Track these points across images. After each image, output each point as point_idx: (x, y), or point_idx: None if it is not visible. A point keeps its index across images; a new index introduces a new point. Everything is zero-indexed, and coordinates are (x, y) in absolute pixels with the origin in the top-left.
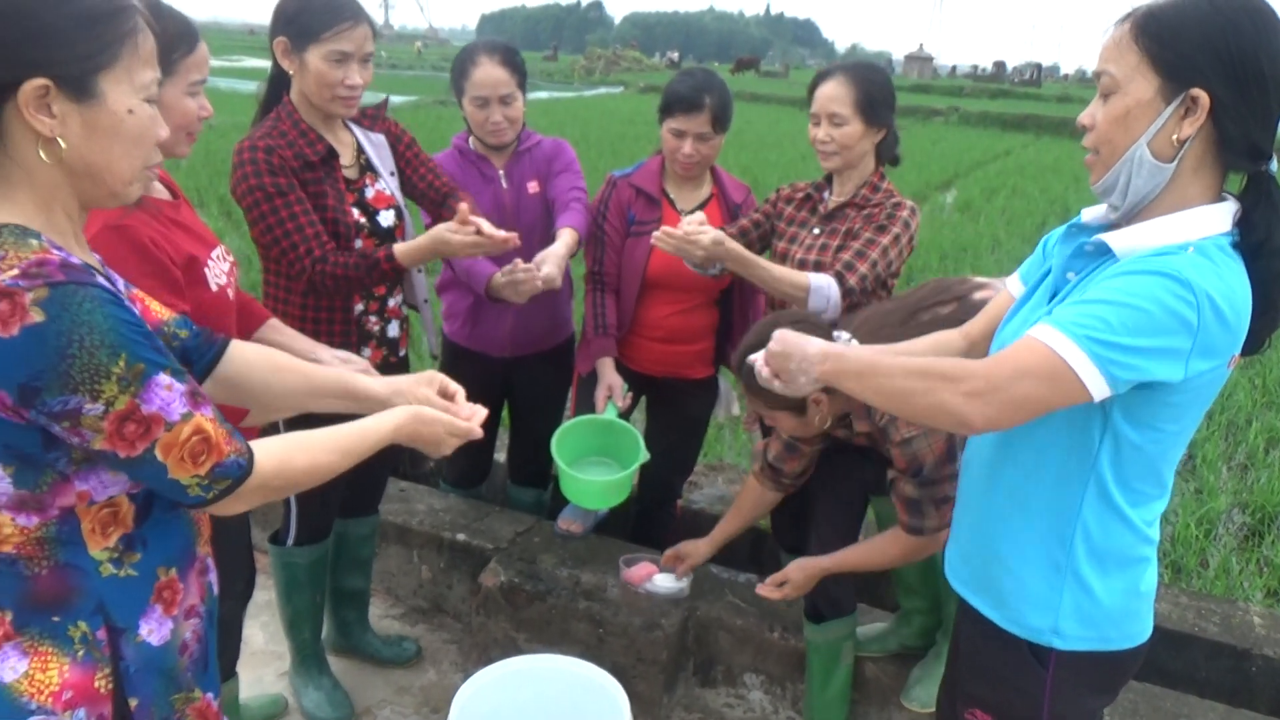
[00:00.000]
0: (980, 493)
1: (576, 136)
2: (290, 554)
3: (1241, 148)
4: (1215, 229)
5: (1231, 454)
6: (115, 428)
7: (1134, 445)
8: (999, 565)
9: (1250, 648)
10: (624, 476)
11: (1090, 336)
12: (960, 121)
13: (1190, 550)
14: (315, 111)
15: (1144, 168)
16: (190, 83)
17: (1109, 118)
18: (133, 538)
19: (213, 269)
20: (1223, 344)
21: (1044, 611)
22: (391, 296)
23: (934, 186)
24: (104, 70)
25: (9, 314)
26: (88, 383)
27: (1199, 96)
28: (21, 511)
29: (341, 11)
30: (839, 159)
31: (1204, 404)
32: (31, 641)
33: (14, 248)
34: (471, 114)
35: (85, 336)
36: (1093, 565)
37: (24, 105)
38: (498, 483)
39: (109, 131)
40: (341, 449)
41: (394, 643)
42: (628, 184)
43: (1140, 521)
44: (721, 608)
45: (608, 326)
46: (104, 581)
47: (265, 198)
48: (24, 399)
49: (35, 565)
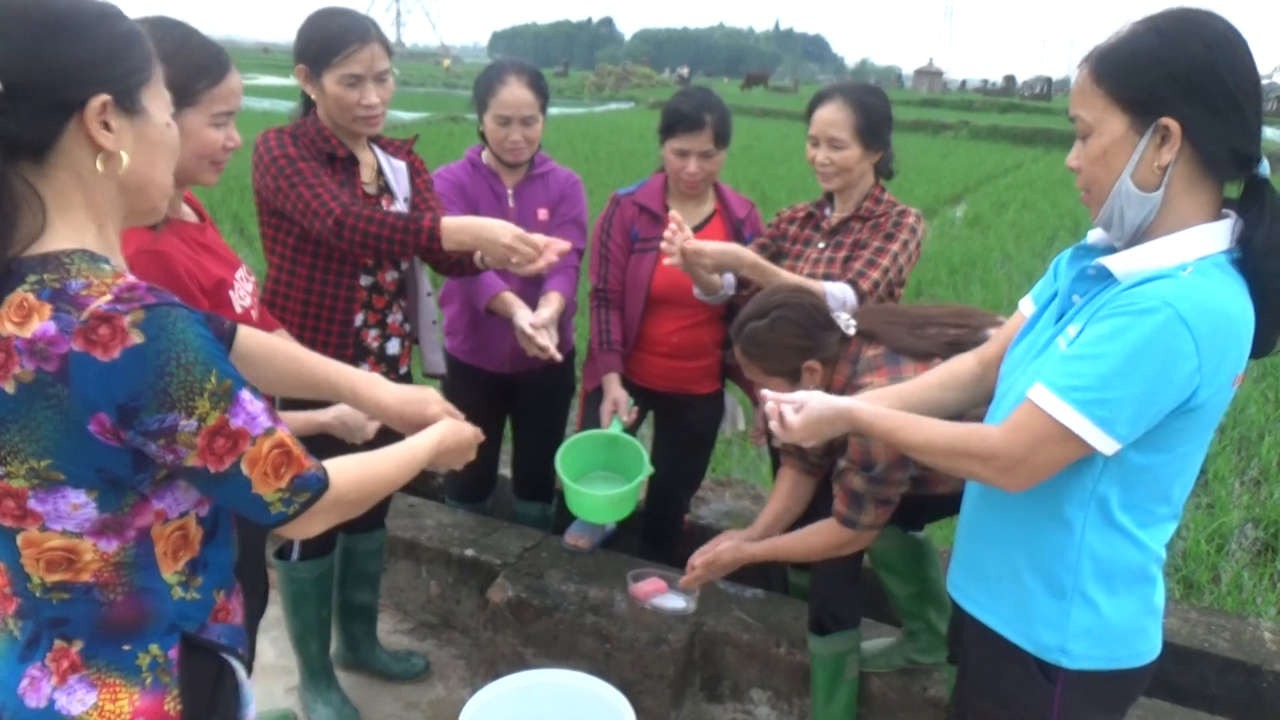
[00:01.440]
0: (984, 510)
1: (586, 152)
2: (295, 569)
3: (1226, 159)
4: (1214, 247)
5: (1244, 468)
6: (207, 443)
7: (1141, 467)
8: (1007, 581)
9: (1261, 664)
10: (628, 490)
11: (1087, 400)
12: (970, 136)
13: (1202, 566)
14: (340, 130)
15: (1132, 199)
16: (214, 113)
17: (1089, 159)
18: (196, 561)
19: (238, 290)
20: (1226, 364)
21: (1052, 630)
22: (392, 312)
23: (944, 201)
24: (145, 86)
25: (109, 338)
26: (184, 400)
27: (1169, 125)
28: (103, 536)
29: (349, 35)
30: (838, 181)
31: (1212, 423)
32: (99, 673)
33: (93, 274)
34: (492, 130)
35: (181, 354)
36: (1100, 585)
37: (90, 120)
38: (503, 497)
39: (155, 144)
40: (401, 463)
41: (402, 658)
42: (631, 201)
43: (1150, 541)
44: (728, 623)
45: (613, 342)
46: (175, 603)
47: (289, 162)
48: (123, 419)
49: (111, 591)
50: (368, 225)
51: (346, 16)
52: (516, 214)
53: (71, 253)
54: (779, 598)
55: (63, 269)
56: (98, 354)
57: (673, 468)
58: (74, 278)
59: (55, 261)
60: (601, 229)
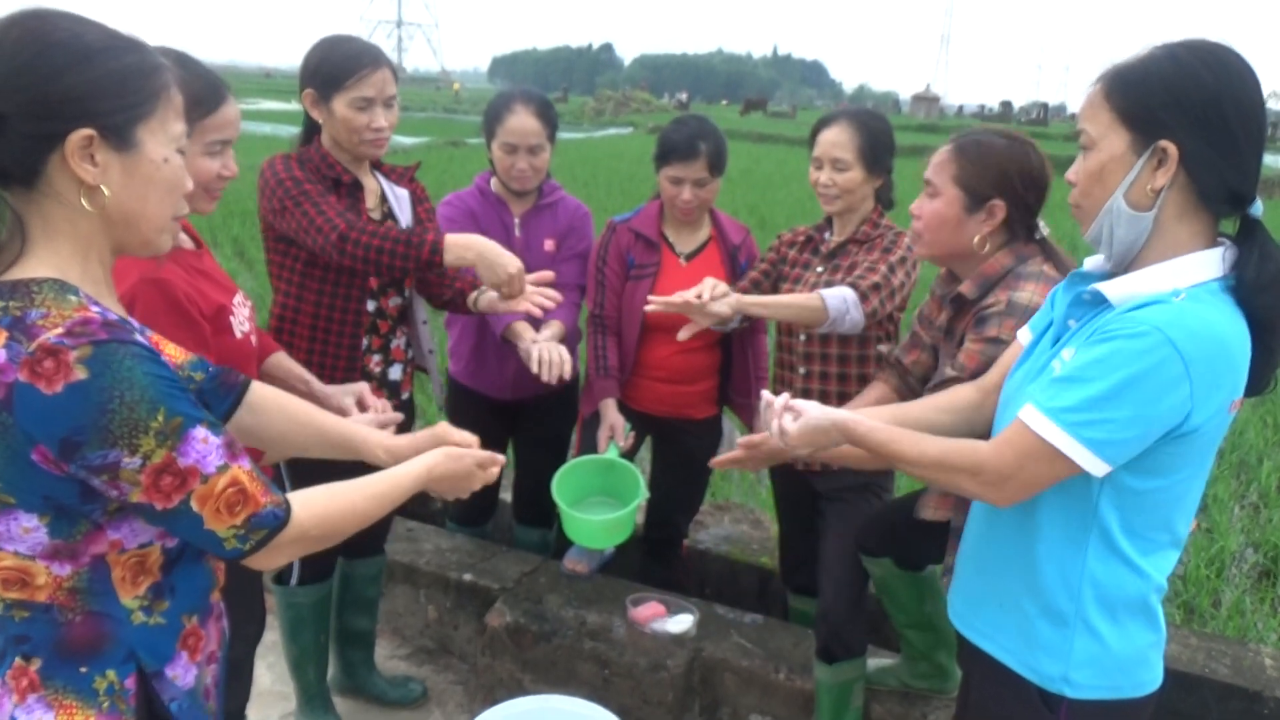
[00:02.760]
0: (985, 537)
1: (586, 177)
2: (294, 594)
3: (1219, 194)
4: (1207, 274)
5: (1243, 493)
6: (152, 480)
7: (1138, 493)
8: (1009, 609)
9: (1262, 690)
10: (624, 514)
11: (1076, 421)
12: None
13: (1202, 590)
14: (345, 154)
15: (1122, 218)
16: (208, 142)
17: (1086, 173)
18: (161, 586)
19: (237, 315)
20: (1220, 389)
21: (1055, 659)
22: (395, 338)
23: None
24: (142, 121)
25: (53, 371)
26: (126, 437)
27: (1167, 148)
28: (55, 560)
29: (361, 59)
30: (840, 203)
31: (1210, 450)
32: (56, 694)
33: (55, 305)
34: (499, 158)
35: (125, 393)
36: (1103, 614)
37: (70, 154)
38: (504, 522)
39: (146, 179)
40: (377, 495)
41: (400, 683)
42: (627, 229)
43: (1152, 570)
44: (728, 648)
45: (609, 368)
46: (135, 629)
47: (295, 184)
48: (65, 453)
49: (69, 613)
50: (370, 239)
51: (357, 43)
52: (523, 244)
53: (42, 282)
54: (778, 623)
55: (29, 297)
56: (41, 386)
57: (671, 492)
58: (35, 307)
59: (24, 289)
60: (598, 256)
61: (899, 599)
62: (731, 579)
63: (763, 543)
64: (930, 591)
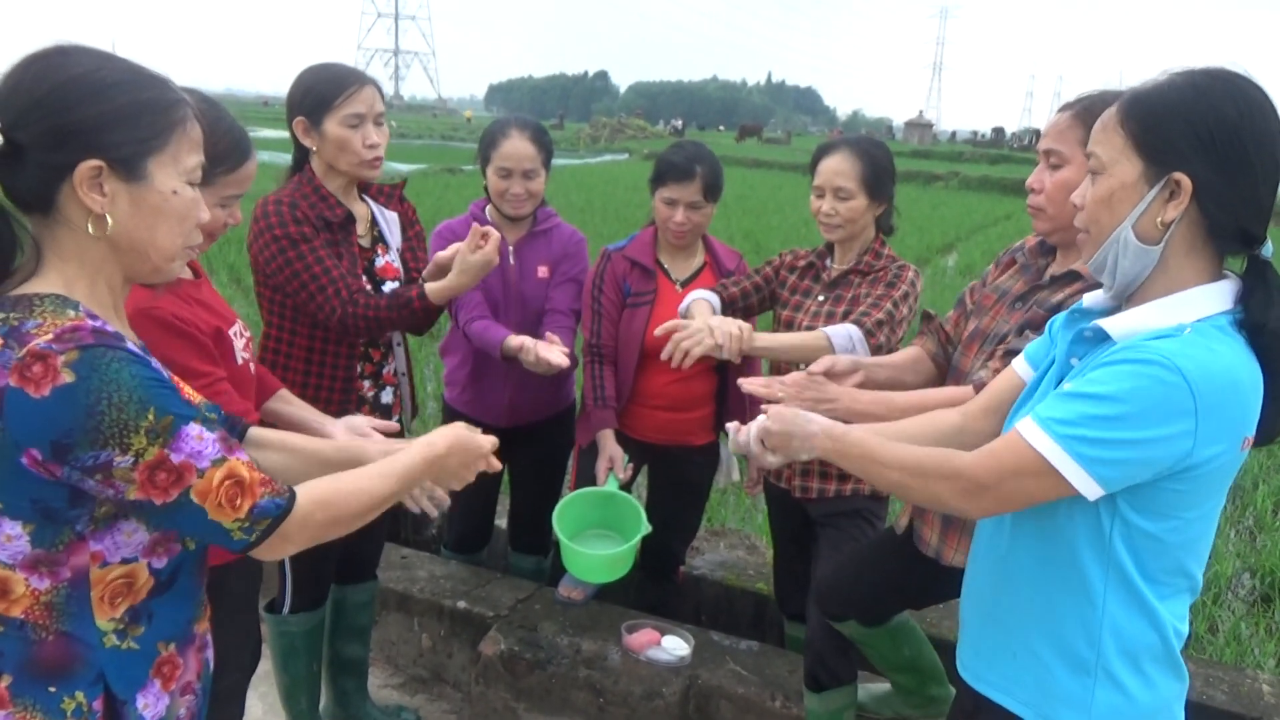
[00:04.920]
0: (996, 584)
1: (581, 204)
2: (286, 622)
3: (1230, 232)
4: (1214, 309)
5: (1239, 518)
6: (146, 477)
7: (1149, 535)
8: (1024, 660)
9: (1260, 717)
10: (626, 549)
11: (1072, 435)
12: (960, 186)
13: (1199, 616)
14: (336, 180)
15: (1129, 249)
16: (225, 195)
17: (1095, 199)
18: (139, 610)
19: (236, 343)
20: (1230, 425)
21: (1076, 711)
22: (387, 363)
23: (936, 250)
24: (154, 154)
25: (41, 375)
26: (117, 437)
27: (1181, 180)
28: (35, 572)
29: (348, 78)
30: (842, 232)
31: (1221, 489)
32: (24, 712)
33: (51, 315)
34: (494, 183)
35: (114, 394)
36: (1126, 663)
37: (78, 184)
38: (498, 549)
39: (154, 210)
40: (384, 474)
41: (393, 713)
42: (622, 257)
43: (1170, 616)
44: (723, 675)
45: (607, 399)
46: (106, 653)
47: (291, 244)
48: (56, 455)
49: (41, 631)
50: (366, 312)
51: (341, 66)
52: (517, 271)
53: (45, 296)
54: (774, 650)
55: (29, 309)
56: (30, 390)
57: (668, 519)
58: (33, 317)
59: (26, 302)
60: (593, 284)
61: (876, 650)
62: (727, 605)
63: (759, 568)
64: (905, 638)
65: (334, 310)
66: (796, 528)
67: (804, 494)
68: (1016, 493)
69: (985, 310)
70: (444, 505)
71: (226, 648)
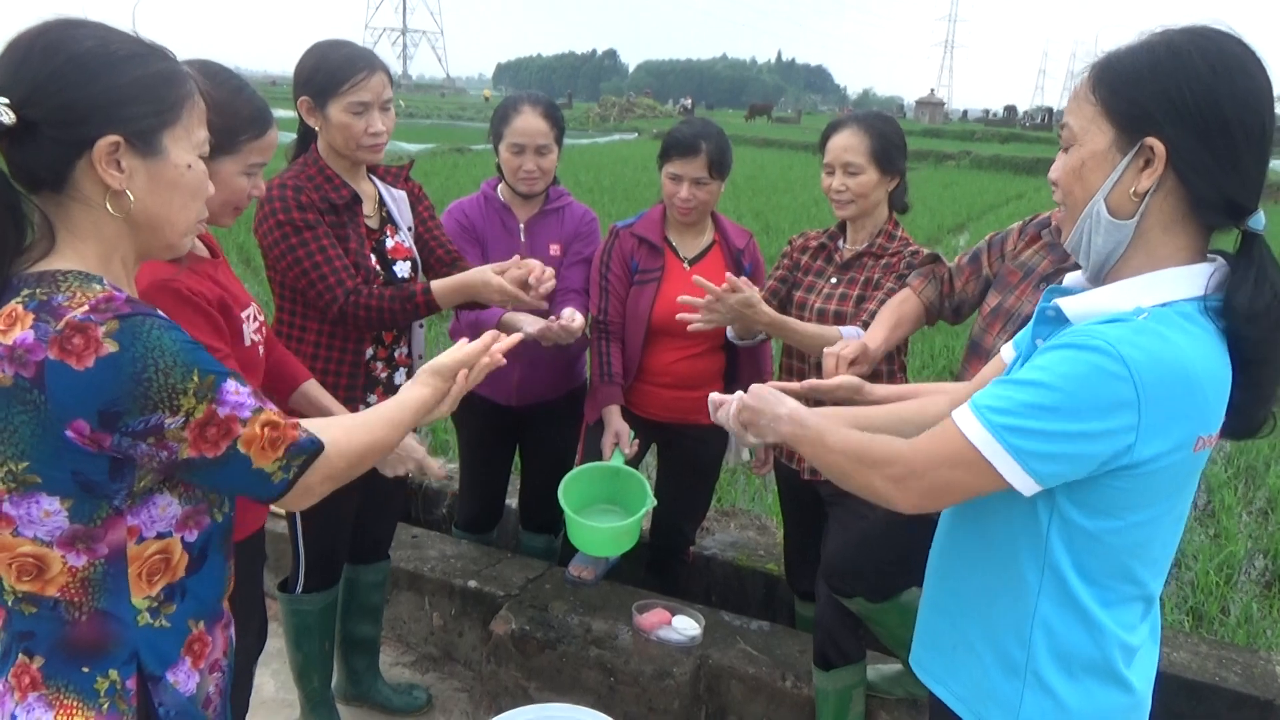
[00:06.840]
0: (942, 573)
1: (590, 183)
2: (299, 601)
3: (1214, 202)
4: (1184, 293)
5: (1251, 498)
6: (198, 434)
7: (1089, 534)
8: (964, 653)
9: (1274, 699)
10: (631, 523)
11: (1006, 426)
12: (972, 165)
13: (1211, 597)
14: (341, 161)
15: (1101, 224)
16: (249, 164)
17: (1068, 170)
18: (174, 588)
19: (248, 325)
20: (1179, 422)
21: (1004, 712)
22: (399, 345)
23: (947, 230)
24: (168, 128)
25: (83, 347)
26: (166, 400)
27: (1154, 146)
28: (72, 549)
29: (356, 64)
30: (854, 207)
31: (1172, 493)
32: (57, 693)
33: (80, 289)
34: (506, 160)
35: (159, 359)
36: (1057, 668)
37: (97, 160)
38: (509, 529)
39: (171, 185)
40: (389, 421)
41: (404, 691)
42: (630, 234)
43: (1113, 625)
44: (734, 656)
45: (613, 375)
46: (139, 631)
47: (294, 230)
48: (105, 424)
49: (76, 610)
50: (369, 303)
51: (349, 47)
52: (528, 248)
53: (68, 272)
54: (785, 630)
55: (54, 284)
56: (72, 362)
57: (677, 499)
58: (61, 292)
59: (50, 278)
60: (601, 261)
61: (883, 626)
62: (738, 585)
63: (769, 549)
64: (913, 614)
65: (334, 300)
66: (806, 508)
67: (814, 474)
68: (949, 484)
69: (1011, 288)
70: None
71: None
